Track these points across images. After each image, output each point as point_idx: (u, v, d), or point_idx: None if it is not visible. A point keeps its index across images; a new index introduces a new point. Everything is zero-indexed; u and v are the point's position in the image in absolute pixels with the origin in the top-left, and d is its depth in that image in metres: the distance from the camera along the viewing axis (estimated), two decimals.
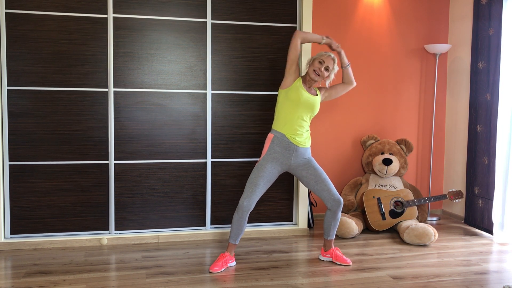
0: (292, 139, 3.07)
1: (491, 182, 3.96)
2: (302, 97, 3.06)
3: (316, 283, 2.88)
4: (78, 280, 2.86)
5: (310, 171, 3.14)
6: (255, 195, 3.05)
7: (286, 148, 3.08)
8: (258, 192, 3.06)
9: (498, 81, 3.87)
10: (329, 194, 3.14)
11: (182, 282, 2.87)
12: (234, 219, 3.09)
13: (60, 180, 3.54)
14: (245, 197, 3.05)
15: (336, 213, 3.20)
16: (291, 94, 3.07)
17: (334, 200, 3.15)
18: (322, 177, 3.14)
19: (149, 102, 3.64)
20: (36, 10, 3.40)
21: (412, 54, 4.59)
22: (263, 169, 3.07)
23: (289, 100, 3.08)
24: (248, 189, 3.06)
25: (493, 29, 3.92)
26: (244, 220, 3.08)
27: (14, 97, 3.42)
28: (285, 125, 3.07)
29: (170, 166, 3.72)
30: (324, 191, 3.14)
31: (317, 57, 3.10)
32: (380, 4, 4.46)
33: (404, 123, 4.64)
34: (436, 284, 2.89)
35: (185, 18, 3.65)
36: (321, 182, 3.13)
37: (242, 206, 3.04)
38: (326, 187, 3.14)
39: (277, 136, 3.09)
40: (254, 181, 3.06)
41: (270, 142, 3.10)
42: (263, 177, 3.06)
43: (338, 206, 3.17)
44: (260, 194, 3.08)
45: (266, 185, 3.09)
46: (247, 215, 3.08)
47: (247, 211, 3.06)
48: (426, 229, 3.66)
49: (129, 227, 3.69)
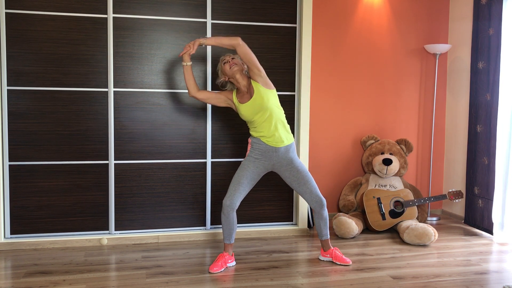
0: (268, 141, 3.06)
1: (491, 182, 3.96)
2: (247, 110, 3.05)
3: (316, 283, 2.88)
4: (78, 280, 2.86)
5: (293, 172, 3.13)
6: (237, 193, 3.06)
7: (265, 150, 3.08)
8: (241, 190, 3.07)
9: (498, 81, 3.87)
10: (310, 196, 3.14)
11: (182, 282, 2.87)
12: (222, 220, 3.12)
13: (60, 180, 3.54)
14: (228, 196, 3.07)
15: (321, 213, 3.20)
16: (241, 115, 3.12)
17: (316, 202, 3.16)
18: (305, 179, 3.13)
19: (149, 102, 3.64)
20: (36, 10, 3.41)
21: (412, 54, 4.59)
22: (246, 169, 3.09)
23: (243, 118, 3.13)
24: (231, 188, 3.08)
25: (493, 29, 3.92)
26: (231, 218, 3.09)
27: (14, 97, 3.42)
28: (256, 131, 3.09)
29: (170, 166, 3.72)
30: (306, 193, 3.14)
31: (220, 65, 3.14)
32: (380, 4, 4.46)
33: (404, 123, 4.64)
34: (436, 284, 2.89)
35: (185, 18, 3.65)
36: (304, 184, 3.13)
37: (225, 205, 3.06)
38: (308, 189, 3.13)
39: (254, 141, 3.11)
40: (237, 180, 3.08)
41: (250, 145, 3.14)
42: (245, 176, 3.08)
43: (320, 206, 3.17)
44: (243, 193, 3.09)
45: (250, 184, 3.11)
46: (233, 213, 3.08)
47: (232, 210, 3.07)
48: (426, 229, 3.66)
49: (129, 227, 3.69)
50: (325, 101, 4.42)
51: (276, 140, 3.06)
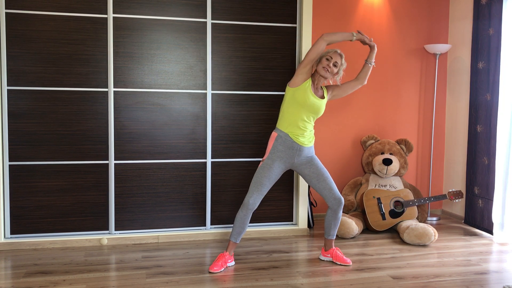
0: (296, 139, 3.07)
1: (491, 182, 3.96)
2: (309, 100, 3.03)
3: (316, 283, 2.88)
4: (78, 280, 2.86)
5: (313, 169, 3.14)
6: (260, 194, 3.07)
7: (290, 147, 3.07)
8: (263, 191, 3.07)
9: (498, 81, 3.87)
10: (330, 193, 3.15)
11: (182, 282, 2.87)
12: (237, 217, 3.09)
13: (60, 180, 3.54)
14: (251, 196, 3.05)
15: (337, 212, 3.20)
16: (298, 95, 3.04)
17: (335, 199, 3.16)
18: (325, 176, 3.15)
19: (149, 102, 3.64)
20: (36, 10, 3.40)
21: (412, 54, 4.59)
22: (269, 169, 3.07)
23: (295, 101, 3.05)
24: (253, 188, 3.06)
25: (493, 29, 3.92)
26: (248, 218, 3.09)
27: (14, 97, 3.42)
28: (289, 126, 3.07)
29: (170, 166, 3.72)
30: (325, 189, 3.15)
31: (324, 54, 3.07)
32: (380, 4, 4.46)
33: (404, 123, 4.64)
34: (436, 284, 2.89)
35: (185, 18, 3.65)
36: (323, 180, 3.14)
37: (248, 204, 3.05)
38: (328, 186, 3.15)
39: (281, 135, 3.08)
40: (260, 180, 3.06)
41: (274, 140, 3.10)
42: (269, 177, 3.07)
43: (338, 205, 3.17)
44: (265, 193, 3.10)
45: (271, 184, 3.11)
46: (251, 213, 3.09)
47: (252, 210, 3.07)
48: (426, 229, 3.66)
49: (129, 227, 3.69)
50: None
51: (304, 140, 3.08)
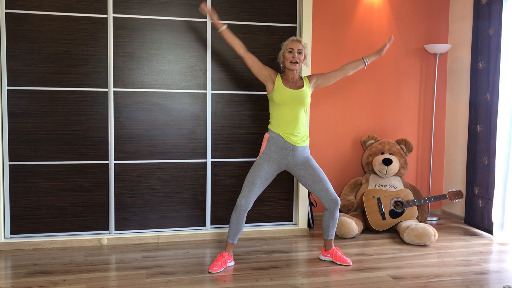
0: (288, 138, 3.06)
1: (491, 182, 3.96)
2: (285, 96, 3.04)
3: (316, 283, 2.88)
4: (78, 280, 2.86)
5: (308, 170, 3.13)
6: (252, 194, 3.05)
7: (282, 147, 3.07)
8: (255, 191, 3.06)
9: (498, 81, 3.87)
10: (326, 194, 3.14)
11: (182, 282, 2.87)
12: (232, 218, 3.09)
13: (60, 180, 3.54)
14: (243, 196, 3.05)
15: (334, 212, 3.20)
16: (275, 97, 3.06)
17: (331, 200, 3.15)
18: (320, 177, 3.14)
19: (149, 102, 3.64)
20: (36, 10, 3.40)
21: (412, 54, 4.59)
22: (260, 168, 3.07)
23: (274, 103, 3.08)
24: (245, 188, 3.06)
25: (493, 29, 3.92)
26: (242, 219, 3.08)
27: (14, 97, 3.42)
28: (280, 126, 3.07)
29: (170, 166, 3.72)
30: (321, 190, 3.14)
31: (284, 48, 3.10)
32: (380, 4, 4.46)
33: (404, 123, 4.64)
34: (436, 284, 2.89)
35: (185, 18, 3.65)
36: (319, 182, 3.13)
37: (240, 205, 3.05)
38: (324, 187, 3.14)
39: (273, 136, 3.08)
40: (252, 180, 3.06)
41: (266, 141, 3.10)
42: (260, 176, 3.06)
43: (335, 206, 3.17)
44: (257, 193, 3.08)
45: (264, 184, 3.09)
46: (245, 214, 3.08)
47: (245, 210, 3.06)
48: (426, 229, 3.66)
49: (129, 227, 3.69)
50: (325, 101, 4.42)
51: (297, 139, 3.07)
